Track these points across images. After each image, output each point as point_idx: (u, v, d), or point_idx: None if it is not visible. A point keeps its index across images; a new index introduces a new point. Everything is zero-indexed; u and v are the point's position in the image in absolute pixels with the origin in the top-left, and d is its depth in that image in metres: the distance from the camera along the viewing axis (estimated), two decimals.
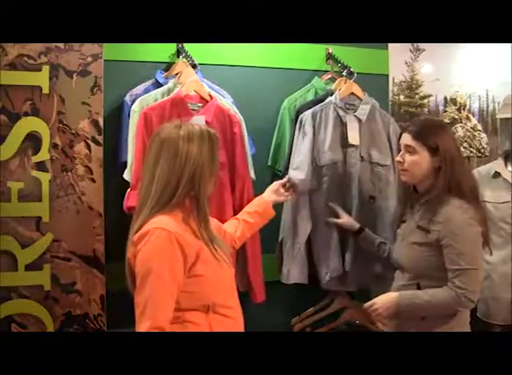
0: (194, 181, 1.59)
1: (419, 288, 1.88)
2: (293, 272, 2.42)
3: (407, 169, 1.93)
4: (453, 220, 1.83)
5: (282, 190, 2.18)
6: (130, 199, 2.16)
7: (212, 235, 1.65)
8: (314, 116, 2.43)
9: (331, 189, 2.44)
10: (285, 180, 2.23)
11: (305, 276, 2.45)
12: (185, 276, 1.55)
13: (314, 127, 2.42)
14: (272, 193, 2.15)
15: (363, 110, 2.48)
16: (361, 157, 2.47)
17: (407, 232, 1.97)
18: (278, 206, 2.49)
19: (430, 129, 1.93)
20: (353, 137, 2.45)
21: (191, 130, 1.63)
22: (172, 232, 1.54)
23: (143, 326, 1.49)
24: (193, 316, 1.57)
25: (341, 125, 2.45)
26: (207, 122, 2.18)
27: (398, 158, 1.97)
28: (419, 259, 1.90)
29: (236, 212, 2.20)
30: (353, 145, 2.45)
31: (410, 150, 1.92)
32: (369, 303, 1.94)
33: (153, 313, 1.49)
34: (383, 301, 1.91)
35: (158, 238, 1.53)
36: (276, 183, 2.19)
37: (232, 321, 1.64)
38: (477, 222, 1.85)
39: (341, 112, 2.45)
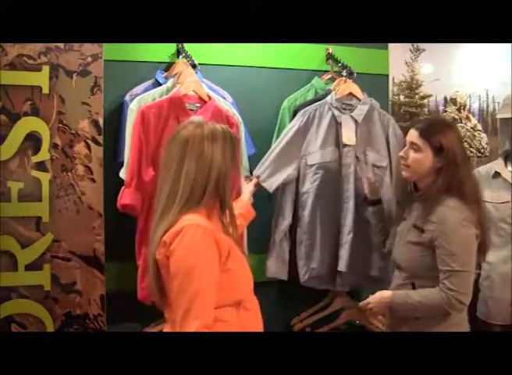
0: (219, 181, 1.57)
1: (414, 288, 1.88)
2: (271, 266, 2.44)
3: (410, 165, 1.93)
4: (446, 221, 1.82)
5: (255, 189, 2.28)
6: (124, 197, 2.16)
7: (235, 232, 1.65)
8: (304, 115, 2.43)
9: (324, 188, 2.43)
10: (255, 180, 2.31)
11: (283, 272, 2.45)
12: (220, 272, 1.53)
13: (304, 125, 2.42)
14: (251, 194, 2.23)
15: (360, 110, 2.48)
16: (357, 157, 2.46)
17: (404, 231, 1.96)
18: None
19: (437, 129, 1.91)
20: (348, 137, 2.45)
21: (213, 129, 1.60)
22: (208, 228, 1.52)
23: (191, 325, 1.44)
24: (225, 312, 1.55)
25: (336, 125, 2.45)
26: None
27: (401, 154, 1.96)
28: (414, 259, 1.89)
29: None
30: (348, 145, 2.45)
31: (414, 147, 1.91)
32: (364, 302, 1.96)
33: (201, 311, 1.46)
34: (377, 299, 1.93)
35: (194, 235, 1.50)
36: (251, 185, 2.27)
37: (256, 315, 1.65)
38: (471, 224, 1.83)
39: (336, 112, 2.45)
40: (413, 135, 1.92)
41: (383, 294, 1.92)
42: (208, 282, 1.49)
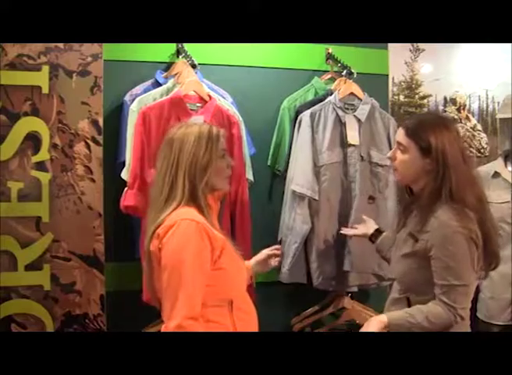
0: (195, 176, 1.59)
1: (409, 303, 1.72)
2: (292, 271, 2.42)
3: (397, 168, 1.76)
4: (440, 229, 1.63)
5: (269, 260, 1.94)
6: (127, 198, 2.16)
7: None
8: (312, 117, 2.43)
9: (330, 189, 2.44)
10: (275, 249, 1.96)
11: (304, 276, 2.45)
12: (210, 269, 1.54)
13: (312, 128, 2.42)
14: (258, 263, 1.93)
15: (362, 110, 2.48)
16: (361, 157, 2.47)
17: (401, 239, 1.79)
18: (277, 206, 2.50)
19: (425, 127, 1.69)
20: (353, 136, 2.45)
21: (189, 129, 1.64)
22: (201, 223, 1.54)
23: (176, 316, 1.46)
24: (217, 313, 1.57)
25: (340, 125, 2.46)
26: (205, 122, 2.19)
27: (388, 155, 1.81)
28: (409, 271, 1.72)
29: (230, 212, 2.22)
30: (352, 145, 2.45)
31: (401, 148, 1.73)
32: (361, 330, 1.72)
33: (187, 303, 1.48)
34: (373, 327, 1.67)
35: (187, 229, 1.52)
36: (264, 253, 1.94)
37: (251, 317, 1.66)
38: (469, 232, 1.63)
39: (340, 112, 2.45)
40: (400, 134, 1.74)
41: (380, 319, 1.68)
42: (196, 277, 1.50)
